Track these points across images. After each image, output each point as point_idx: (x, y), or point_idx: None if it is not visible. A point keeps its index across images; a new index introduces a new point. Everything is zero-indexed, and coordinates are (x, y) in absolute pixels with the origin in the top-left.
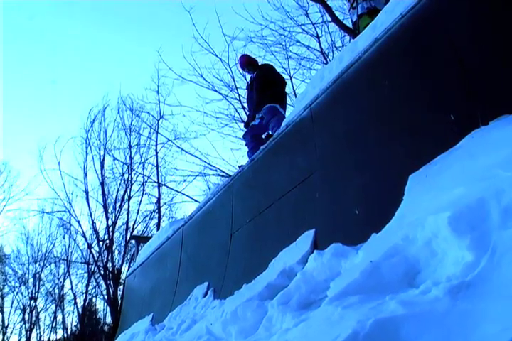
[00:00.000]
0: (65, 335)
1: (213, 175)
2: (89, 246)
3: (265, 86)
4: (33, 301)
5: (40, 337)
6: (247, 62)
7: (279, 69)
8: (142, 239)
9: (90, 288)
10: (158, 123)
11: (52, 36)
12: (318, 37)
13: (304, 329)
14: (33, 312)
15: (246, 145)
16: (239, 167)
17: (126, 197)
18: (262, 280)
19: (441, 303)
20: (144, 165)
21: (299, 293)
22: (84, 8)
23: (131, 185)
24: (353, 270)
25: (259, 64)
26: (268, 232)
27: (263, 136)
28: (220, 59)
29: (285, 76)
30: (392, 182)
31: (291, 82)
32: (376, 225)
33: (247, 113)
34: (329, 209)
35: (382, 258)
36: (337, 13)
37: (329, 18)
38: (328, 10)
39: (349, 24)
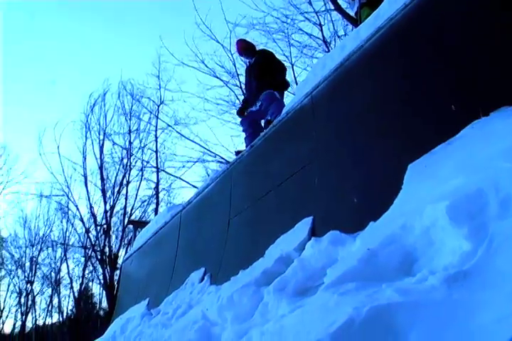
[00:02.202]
0: (61, 319)
1: (212, 161)
2: (87, 231)
3: (264, 73)
4: (29, 285)
5: (36, 320)
6: (243, 47)
7: (280, 57)
8: (140, 224)
9: (87, 272)
10: (158, 109)
11: (56, 22)
12: (320, 25)
13: (300, 315)
14: (29, 295)
15: (243, 131)
16: (235, 153)
17: (124, 181)
18: (259, 266)
19: (438, 292)
20: (143, 151)
21: (295, 279)
22: None
23: (130, 170)
24: (350, 257)
25: (258, 49)
26: (266, 219)
27: (262, 123)
28: (222, 45)
29: (287, 64)
30: (391, 171)
31: (293, 69)
32: (374, 213)
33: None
34: (327, 196)
35: (380, 246)
36: (340, 2)
37: (332, 7)
38: None
39: (352, 13)
